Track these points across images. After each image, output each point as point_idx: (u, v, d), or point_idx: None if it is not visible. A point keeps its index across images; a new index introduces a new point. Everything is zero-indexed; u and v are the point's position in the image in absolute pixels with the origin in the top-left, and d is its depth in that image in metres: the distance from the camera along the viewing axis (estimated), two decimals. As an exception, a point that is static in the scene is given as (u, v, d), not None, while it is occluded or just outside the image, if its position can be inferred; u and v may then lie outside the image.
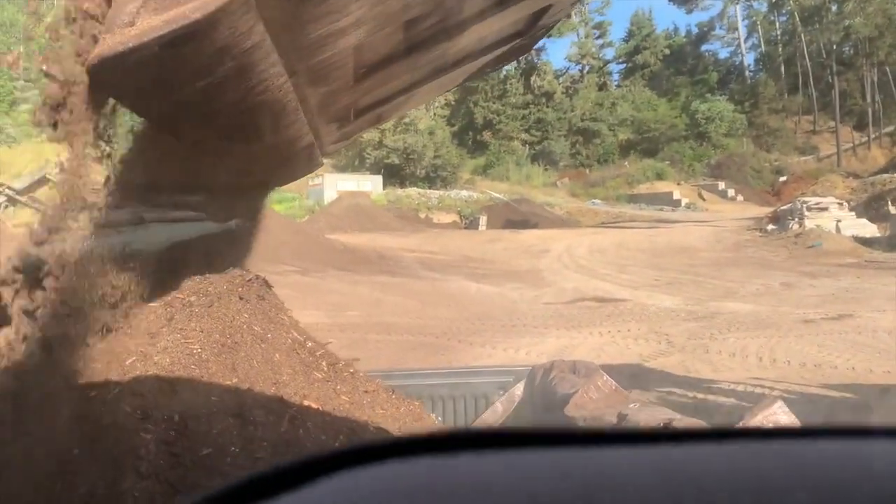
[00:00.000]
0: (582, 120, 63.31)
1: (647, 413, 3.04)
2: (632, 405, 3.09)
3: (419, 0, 1.75)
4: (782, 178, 53.44)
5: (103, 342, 1.70)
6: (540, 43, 64.82)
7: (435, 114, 54.73)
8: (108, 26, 1.15)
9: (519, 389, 4.29)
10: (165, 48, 1.11)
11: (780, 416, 2.14)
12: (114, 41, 1.13)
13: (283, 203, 37.22)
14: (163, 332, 1.85)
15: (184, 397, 1.69)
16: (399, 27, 1.85)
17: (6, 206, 30.95)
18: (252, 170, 2.25)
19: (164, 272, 1.95)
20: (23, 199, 31.44)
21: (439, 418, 4.14)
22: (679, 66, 74.29)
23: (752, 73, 74.76)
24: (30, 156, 40.86)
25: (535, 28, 2.72)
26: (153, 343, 1.80)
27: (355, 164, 50.84)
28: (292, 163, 2.22)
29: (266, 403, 1.78)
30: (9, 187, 31.70)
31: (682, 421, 2.69)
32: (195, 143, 1.76)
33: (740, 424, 2.13)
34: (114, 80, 1.19)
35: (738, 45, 75.87)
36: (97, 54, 1.14)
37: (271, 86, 1.50)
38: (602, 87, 69.49)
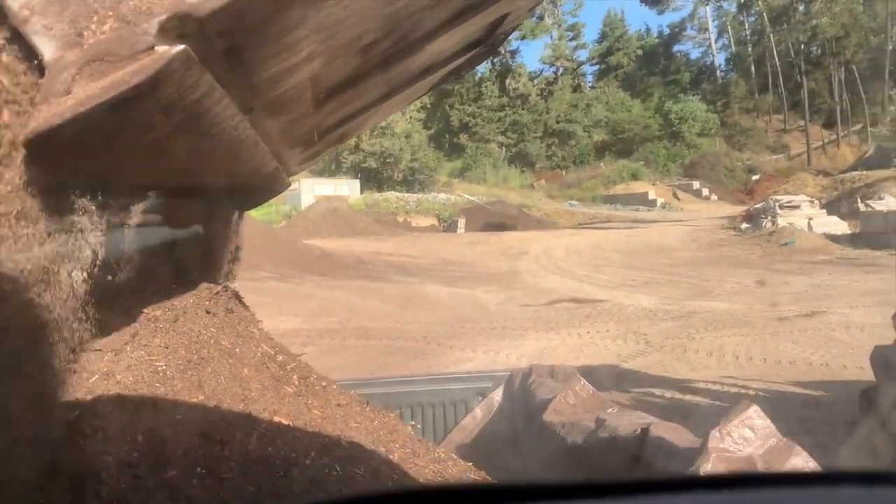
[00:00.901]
0: (557, 122, 63.74)
1: (624, 418, 3.03)
2: (609, 410, 3.09)
3: (371, 27, 1.72)
4: (755, 177, 54.30)
5: (64, 360, 1.63)
6: (514, 45, 65.14)
7: (411, 117, 54.67)
8: (44, 96, 1.10)
9: (498, 395, 4.27)
10: (106, 114, 1.07)
11: (755, 420, 2.14)
12: (49, 113, 1.09)
13: (259, 209, 36.89)
14: (126, 349, 1.79)
15: (147, 417, 1.63)
16: (354, 54, 1.82)
17: None
18: (217, 198, 2.20)
19: (128, 282, 1.88)
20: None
21: (419, 426, 4.11)
22: (652, 66, 75.18)
23: (723, 73, 75.96)
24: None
25: (494, 35, 2.70)
26: (116, 360, 1.74)
27: (332, 168, 50.62)
28: (257, 188, 2.18)
29: (234, 421, 1.73)
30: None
31: (658, 426, 2.68)
32: (148, 186, 1.72)
33: (717, 430, 2.12)
34: (52, 151, 1.14)
35: (709, 46, 77.06)
36: (32, 129, 1.10)
37: (227, 126, 1.47)
38: (576, 88, 70.01)
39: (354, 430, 2.09)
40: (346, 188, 44.13)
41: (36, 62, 1.13)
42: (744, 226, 29.25)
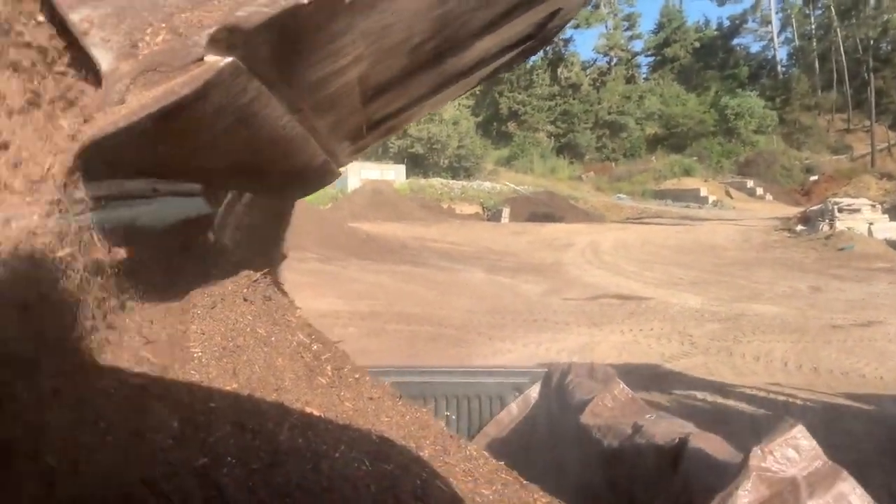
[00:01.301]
0: (609, 113, 62.64)
1: (663, 425, 2.94)
2: (648, 416, 3.00)
3: (419, 29, 1.71)
4: (813, 178, 52.35)
5: (100, 341, 1.65)
6: (567, 34, 64.27)
7: (459, 104, 54.49)
8: (100, 104, 1.19)
9: (535, 391, 4.22)
10: (157, 122, 1.13)
11: (800, 440, 2.04)
12: (105, 121, 1.15)
13: (307, 190, 37.45)
14: (162, 335, 1.81)
15: (182, 403, 1.64)
16: (402, 54, 1.81)
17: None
18: (266, 190, 2.23)
19: (170, 267, 1.91)
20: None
21: (453, 417, 4.10)
22: (709, 59, 73.07)
23: (784, 69, 73.36)
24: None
25: (546, 30, 2.65)
26: (151, 345, 1.76)
27: (379, 152, 50.89)
28: (308, 180, 2.20)
29: (266, 411, 1.73)
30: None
31: (698, 436, 2.60)
32: (198, 179, 1.77)
33: (759, 448, 2.03)
34: (107, 157, 1.23)
35: (771, 40, 74.38)
36: (90, 136, 1.17)
37: (275, 126, 1.51)
38: (630, 79, 68.66)
39: (385, 424, 2.08)
40: (392, 173, 44.34)
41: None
42: (799, 228, 28.28)
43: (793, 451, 2.03)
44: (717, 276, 18.14)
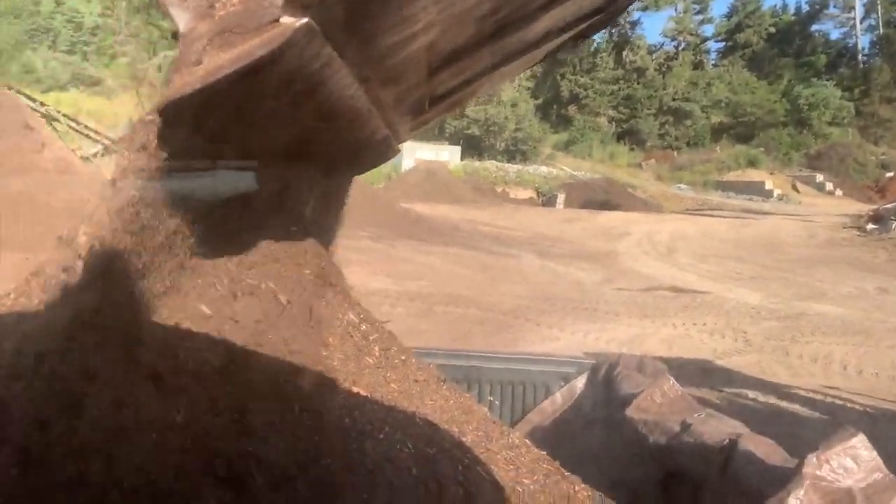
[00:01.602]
0: (674, 99, 60.81)
1: (713, 424, 2.88)
2: (697, 414, 2.94)
3: None
4: (889, 174, 49.66)
5: (162, 300, 1.70)
6: (634, 16, 62.49)
7: (519, 85, 53.83)
8: (177, 65, 1.19)
9: (581, 382, 4.18)
10: (232, 84, 1.14)
11: (860, 450, 1.96)
12: (181, 82, 1.16)
13: (362, 168, 37.75)
14: (223, 308, 1.85)
15: (235, 379, 1.68)
16: (469, 23, 1.79)
17: (103, 154, 32.84)
18: (325, 164, 2.25)
19: (231, 238, 1.95)
20: (118, 148, 33.34)
21: (496, 402, 4.10)
22: (784, 46, 69.82)
23: (865, 58, 69.32)
24: (127, 107, 43.10)
25: (616, 3, 2.58)
26: (210, 318, 1.80)
27: (435, 133, 50.85)
28: (368, 155, 2.22)
29: (314, 389, 1.77)
30: (106, 136, 33.63)
31: (749, 438, 2.53)
32: (266, 148, 1.80)
33: (815, 455, 1.96)
34: (183, 118, 1.24)
35: (853, 26, 70.39)
36: (166, 97, 1.19)
37: (343, 95, 1.51)
38: (697, 65, 66.38)
39: (430, 407, 2.10)
40: (447, 154, 44.26)
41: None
42: (870, 226, 26.97)
43: (851, 461, 1.95)
44: (777, 273, 17.53)
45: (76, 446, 1.32)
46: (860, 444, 1.97)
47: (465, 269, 15.79)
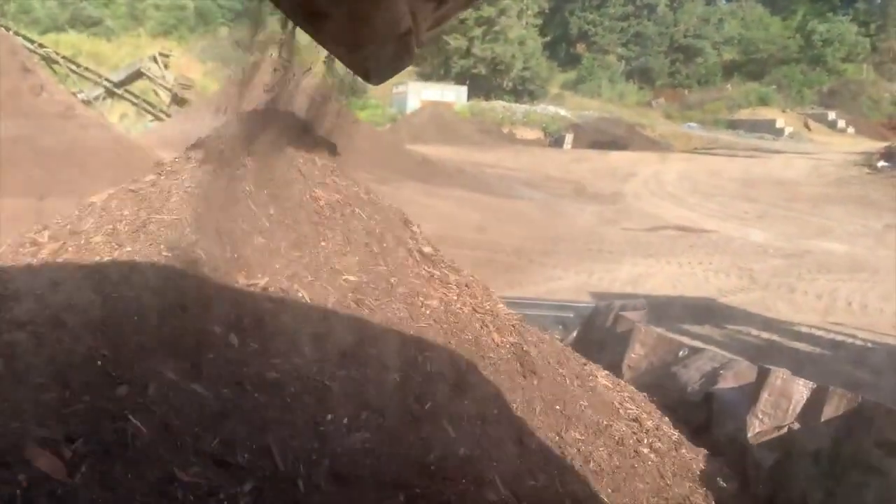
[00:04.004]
0: (685, 36, 59.13)
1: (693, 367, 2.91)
2: (681, 352, 2.97)
3: None
4: (903, 111, 48.72)
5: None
6: (646, -52, 60.13)
7: (527, 22, 52.39)
8: None
9: (575, 327, 4.21)
10: None
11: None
12: None
13: (366, 110, 37.23)
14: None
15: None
16: None
17: (104, 98, 32.44)
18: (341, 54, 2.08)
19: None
20: (119, 91, 32.83)
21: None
22: (800, -21, 67.31)
23: (884, -9, 66.94)
24: (127, 49, 42.33)
25: None
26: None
27: (441, 73, 49.84)
28: (391, 51, 2.02)
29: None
30: (107, 79, 33.10)
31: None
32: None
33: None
34: None
35: (873, -42, 67.69)
36: None
37: None
38: (710, 1, 64.26)
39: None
40: (453, 94, 43.49)
41: None
42: (881, 164, 26.57)
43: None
44: (785, 212, 17.40)
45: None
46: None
47: (469, 212, 15.72)
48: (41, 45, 32.20)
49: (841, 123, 47.98)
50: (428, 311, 2.09)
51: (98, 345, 1.50)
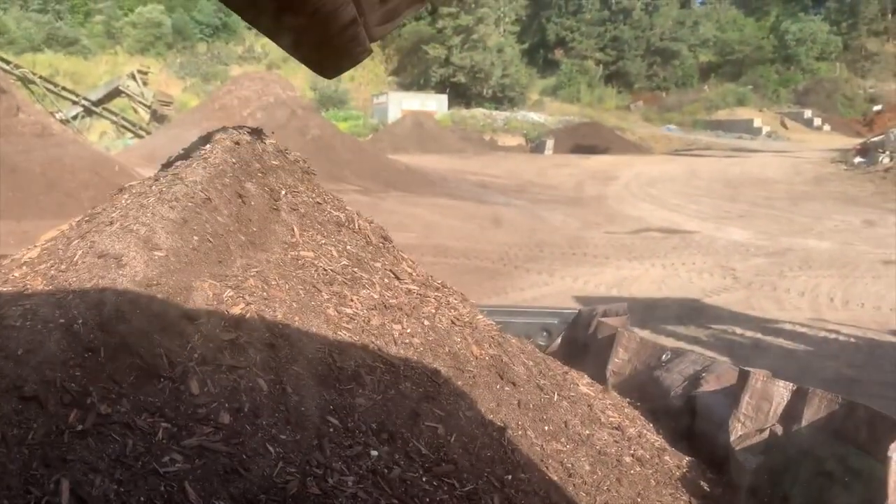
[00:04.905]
0: (661, 39, 59.74)
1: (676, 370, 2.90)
2: (664, 356, 2.96)
3: None
4: (876, 108, 49.43)
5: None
6: (620, -46, 60.73)
7: (505, 30, 52.71)
8: None
9: (560, 334, 4.17)
10: None
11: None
12: None
13: (348, 121, 37.23)
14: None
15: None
16: None
17: (83, 117, 32.16)
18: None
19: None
20: (98, 109, 32.59)
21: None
22: (772, -20, 68.32)
23: (853, -10, 68.08)
24: (104, 67, 42.05)
25: None
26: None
27: (421, 82, 49.98)
28: (336, 45, 1.91)
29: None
30: (85, 98, 32.82)
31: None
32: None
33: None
34: None
35: (842, -43, 68.88)
36: None
37: None
38: (685, 4, 65.01)
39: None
40: (434, 103, 43.61)
41: None
42: (857, 160, 26.95)
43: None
44: (765, 210, 17.57)
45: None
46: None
47: (452, 220, 15.73)
48: (17, 66, 31.88)
49: (817, 121, 48.69)
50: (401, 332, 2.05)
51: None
